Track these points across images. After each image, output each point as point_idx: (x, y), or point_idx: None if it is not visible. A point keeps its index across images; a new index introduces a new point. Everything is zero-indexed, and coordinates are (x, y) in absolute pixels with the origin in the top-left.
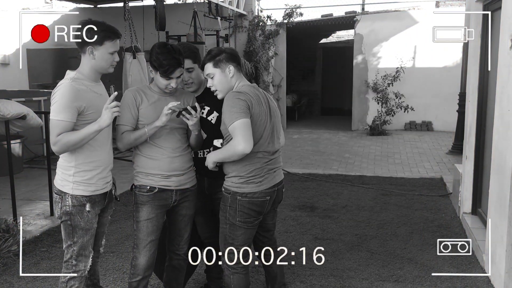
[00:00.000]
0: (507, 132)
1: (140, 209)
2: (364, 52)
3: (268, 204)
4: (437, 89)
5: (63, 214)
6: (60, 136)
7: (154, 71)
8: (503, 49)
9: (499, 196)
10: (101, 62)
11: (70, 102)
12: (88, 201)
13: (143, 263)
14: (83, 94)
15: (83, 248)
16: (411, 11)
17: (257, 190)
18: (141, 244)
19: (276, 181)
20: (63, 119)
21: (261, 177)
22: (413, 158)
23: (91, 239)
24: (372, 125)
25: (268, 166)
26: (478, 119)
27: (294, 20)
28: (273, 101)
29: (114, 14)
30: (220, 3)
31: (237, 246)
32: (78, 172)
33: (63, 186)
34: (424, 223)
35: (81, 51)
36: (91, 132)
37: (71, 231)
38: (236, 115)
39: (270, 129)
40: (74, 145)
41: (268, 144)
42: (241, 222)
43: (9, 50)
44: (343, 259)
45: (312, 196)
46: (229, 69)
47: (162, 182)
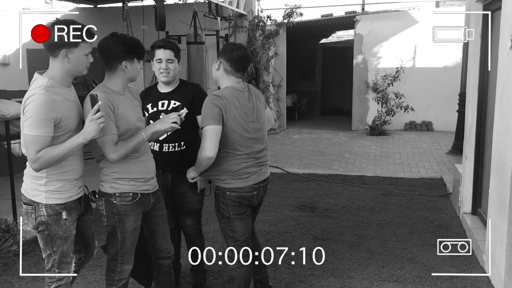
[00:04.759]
0: (507, 132)
1: (125, 220)
2: (364, 52)
3: (255, 198)
4: (437, 89)
5: (39, 224)
6: (41, 152)
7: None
8: (503, 49)
9: (499, 196)
10: (77, 65)
11: (47, 115)
12: (63, 209)
13: (129, 268)
14: (59, 105)
15: (64, 255)
16: (411, 11)
17: (245, 185)
18: (127, 252)
19: (262, 178)
20: (42, 134)
21: (247, 174)
22: (413, 158)
23: (71, 245)
24: (372, 125)
25: (253, 166)
26: (478, 119)
27: (294, 20)
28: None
29: (114, 14)
30: (220, 3)
31: (239, 238)
32: (50, 182)
33: (34, 196)
34: (424, 223)
35: (52, 55)
36: (76, 145)
37: (50, 240)
38: (206, 120)
39: (253, 129)
40: (57, 161)
41: (252, 144)
42: (235, 215)
43: (9, 50)
44: (343, 259)
45: (312, 196)
46: (218, 64)
47: (143, 187)
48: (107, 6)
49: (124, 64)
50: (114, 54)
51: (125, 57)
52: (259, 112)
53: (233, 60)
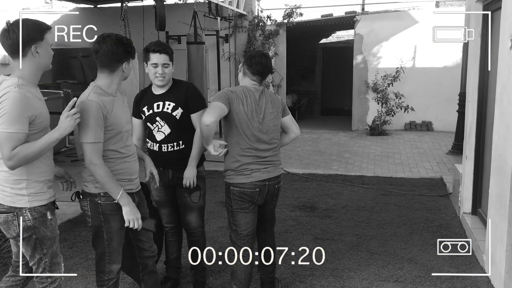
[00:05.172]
0: (507, 132)
1: (110, 220)
2: (364, 52)
3: (258, 195)
4: (437, 89)
5: (24, 231)
6: (17, 149)
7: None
8: (503, 49)
9: (499, 196)
10: (45, 58)
11: (23, 112)
12: (47, 209)
13: (117, 267)
14: (32, 103)
15: (54, 256)
16: (411, 11)
17: (247, 181)
18: (114, 252)
19: (266, 176)
20: (18, 131)
21: (249, 170)
22: (413, 158)
23: (59, 244)
24: (372, 125)
25: (255, 164)
26: (478, 119)
27: (294, 20)
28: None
29: (114, 14)
30: (220, 3)
31: (241, 232)
32: (30, 184)
33: (15, 202)
34: (424, 223)
35: (22, 54)
36: (52, 141)
37: (38, 244)
38: (214, 99)
39: (257, 129)
40: (34, 158)
41: (254, 142)
42: (237, 209)
43: None
44: (343, 259)
45: (312, 196)
46: (240, 66)
47: (128, 186)
48: (107, 6)
49: (125, 65)
50: (116, 56)
51: (125, 58)
52: (267, 115)
53: (250, 64)
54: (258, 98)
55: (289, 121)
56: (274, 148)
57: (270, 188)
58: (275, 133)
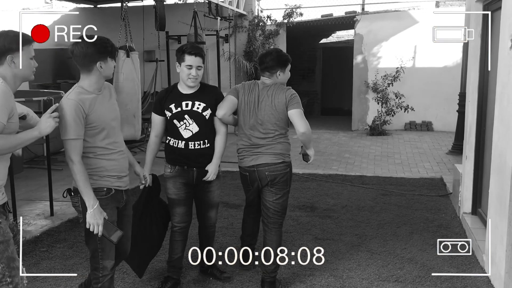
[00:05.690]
0: (507, 132)
1: None
2: (364, 52)
3: (248, 179)
4: (437, 89)
5: None
6: None
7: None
8: (503, 49)
9: (499, 196)
10: (24, 69)
11: (7, 103)
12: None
13: (110, 263)
14: (12, 99)
15: (11, 260)
16: (411, 11)
17: (241, 166)
18: (107, 247)
19: (253, 163)
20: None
21: (242, 156)
22: (413, 158)
23: (14, 248)
24: (372, 125)
25: (247, 150)
26: (478, 119)
27: (294, 20)
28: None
29: (114, 14)
30: (220, 3)
31: (247, 198)
32: None
33: None
34: (424, 223)
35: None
36: (29, 138)
37: None
38: (228, 92)
39: (253, 118)
40: (8, 150)
41: (249, 130)
42: (242, 185)
43: None
44: (343, 259)
45: (312, 196)
46: None
47: (117, 183)
48: (107, 6)
49: (99, 64)
50: (88, 57)
51: (99, 58)
52: (263, 107)
53: (258, 65)
54: (260, 90)
55: (293, 117)
56: (271, 138)
57: (260, 174)
58: (272, 125)
